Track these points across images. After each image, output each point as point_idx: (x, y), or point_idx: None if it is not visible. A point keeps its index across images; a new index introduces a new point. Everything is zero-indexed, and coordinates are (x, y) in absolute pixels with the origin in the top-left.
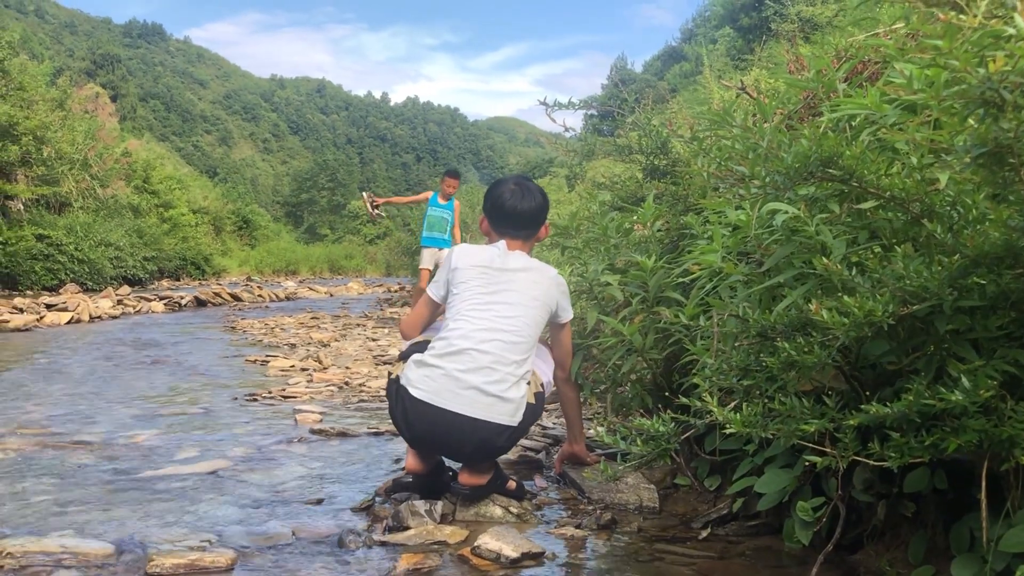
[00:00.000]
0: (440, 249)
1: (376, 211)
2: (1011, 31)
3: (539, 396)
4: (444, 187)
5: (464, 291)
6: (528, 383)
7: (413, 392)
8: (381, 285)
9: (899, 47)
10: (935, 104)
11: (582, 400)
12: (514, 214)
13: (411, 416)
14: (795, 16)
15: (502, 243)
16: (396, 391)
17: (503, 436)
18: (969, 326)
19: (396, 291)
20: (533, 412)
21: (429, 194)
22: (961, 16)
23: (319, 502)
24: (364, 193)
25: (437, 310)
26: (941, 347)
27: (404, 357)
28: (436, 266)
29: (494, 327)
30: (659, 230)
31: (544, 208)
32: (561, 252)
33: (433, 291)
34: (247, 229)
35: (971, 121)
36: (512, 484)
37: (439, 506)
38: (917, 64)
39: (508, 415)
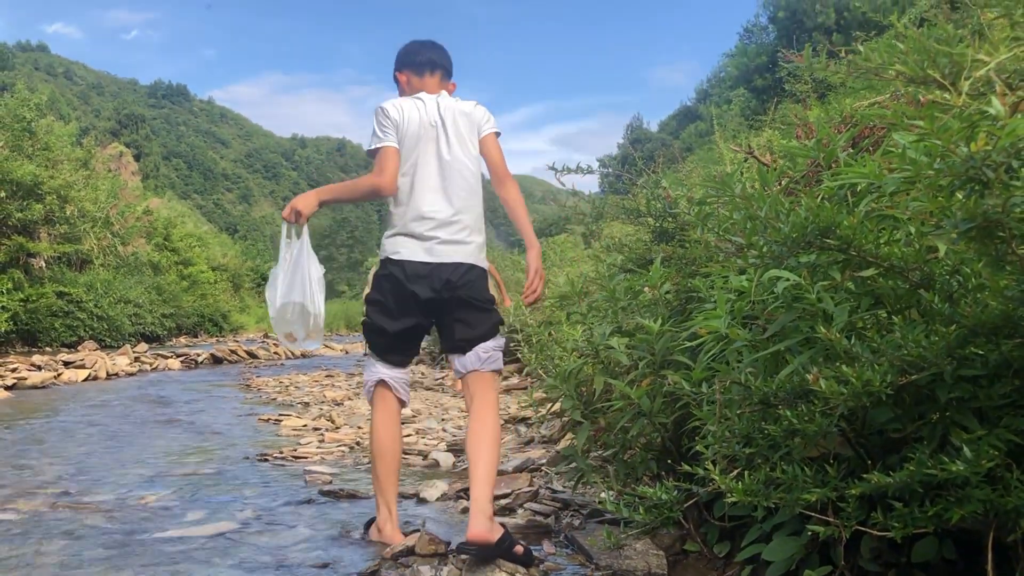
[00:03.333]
0: None
1: None
2: (992, 111)
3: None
4: None
5: (408, 152)
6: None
7: (393, 257)
8: None
9: (897, 117)
10: (923, 180)
11: (581, 478)
12: (430, 54)
13: (395, 274)
14: (808, 77)
15: (422, 93)
16: (376, 275)
17: (473, 273)
18: (972, 394)
19: None
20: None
21: None
22: (946, 95)
23: (324, 566)
24: None
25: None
26: (944, 415)
27: None
28: None
29: (445, 177)
30: (667, 292)
31: (450, 58)
32: (566, 317)
33: (390, 140)
34: (265, 286)
35: (959, 196)
36: (520, 549)
37: (445, 571)
38: (915, 134)
39: (473, 255)
